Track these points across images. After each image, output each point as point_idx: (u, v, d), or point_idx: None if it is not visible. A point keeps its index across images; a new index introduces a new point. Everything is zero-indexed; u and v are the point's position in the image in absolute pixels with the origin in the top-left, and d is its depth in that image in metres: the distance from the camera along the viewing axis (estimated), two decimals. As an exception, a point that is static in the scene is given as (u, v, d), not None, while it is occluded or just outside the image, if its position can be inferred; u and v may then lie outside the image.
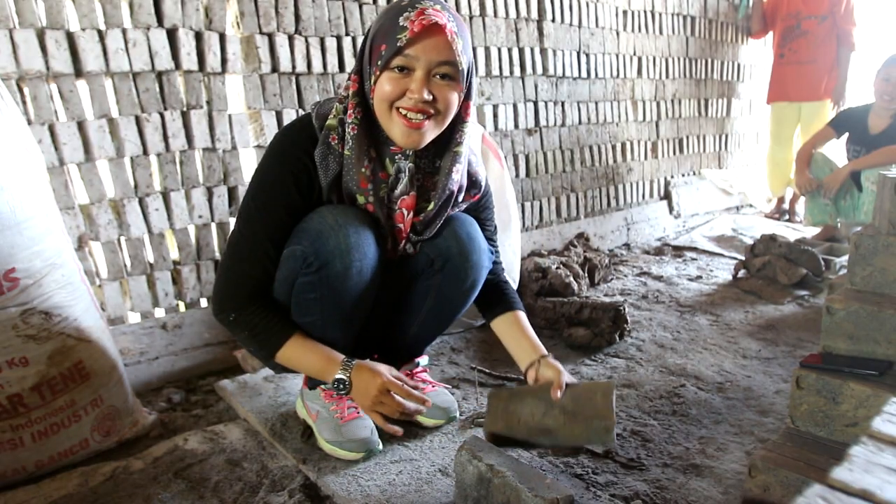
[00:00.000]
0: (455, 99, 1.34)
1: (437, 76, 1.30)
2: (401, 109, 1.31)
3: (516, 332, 1.60)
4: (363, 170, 1.36)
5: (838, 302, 1.38)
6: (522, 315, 1.64)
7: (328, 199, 1.40)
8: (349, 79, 1.38)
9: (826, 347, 1.41)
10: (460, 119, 1.42)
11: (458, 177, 1.45)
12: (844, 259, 3.04)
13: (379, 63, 1.29)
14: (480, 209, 1.64)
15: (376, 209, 1.40)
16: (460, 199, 1.52)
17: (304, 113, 1.49)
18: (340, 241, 1.34)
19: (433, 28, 1.25)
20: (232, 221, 2.23)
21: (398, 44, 1.25)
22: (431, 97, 1.29)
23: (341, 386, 1.39)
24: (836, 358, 1.36)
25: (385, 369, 1.41)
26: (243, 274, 1.40)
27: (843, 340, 1.38)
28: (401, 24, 1.26)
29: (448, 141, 1.43)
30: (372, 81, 1.32)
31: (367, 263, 1.40)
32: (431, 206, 1.45)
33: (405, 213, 1.44)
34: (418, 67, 1.28)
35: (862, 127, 3.52)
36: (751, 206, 4.90)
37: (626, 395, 1.90)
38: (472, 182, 1.54)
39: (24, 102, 1.78)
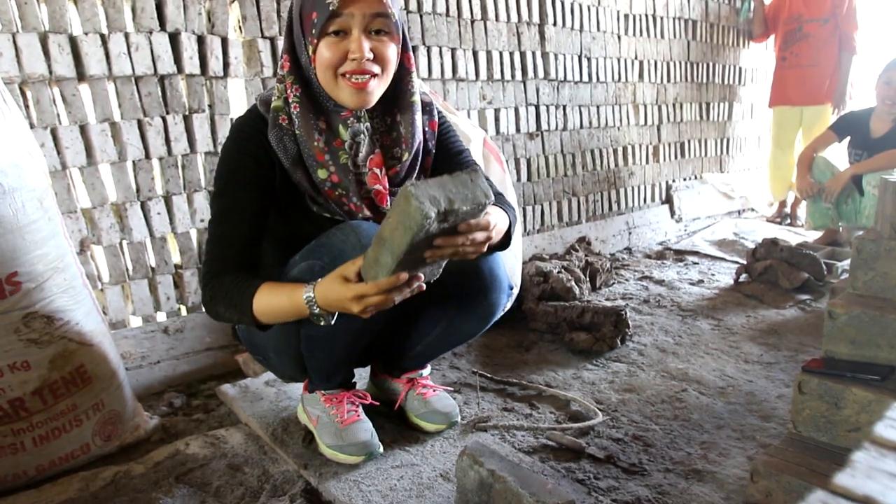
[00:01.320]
0: (394, 52, 1.35)
1: (373, 32, 1.30)
2: (346, 74, 1.31)
3: None
4: (315, 143, 1.37)
5: (840, 306, 1.38)
6: (500, 211, 1.43)
7: (295, 179, 1.39)
8: (282, 58, 1.39)
9: (828, 352, 1.41)
10: (406, 71, 1.43)
11: (420, 124, 1.46)
12: (846, 263, 3.04)
13: (314, 32, 1.29)
14: (444, 137, 1.57)
15: (342, 178, 1.38)
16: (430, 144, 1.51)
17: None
18: None
19: None
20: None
21: (330, 7, 1.25)
22: (372, 55, 1.30)
23: (321, 319, 1.29)
24: (838, 363, 1.36)
25: (338, 273, 1.24)
26: (217, 258, 1.37)
27: (846, 345, 1.38)
28: None
29: (400, 94, 1.44)
30: (310, 52, 1.32)
31: None
32: (406, 156, 1.44)
33: (378, 172, 1.43)
34: (354, 26, 1.28)
35: (864, 130, 3.52)
36: (752, 209, 4.89)
37: (627, 400, 1.90)
38: (422, 107, 1.50)
39: (26, 106, 1.78)
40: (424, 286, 1.24)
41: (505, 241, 1.42)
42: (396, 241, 1.12)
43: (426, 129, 1.50)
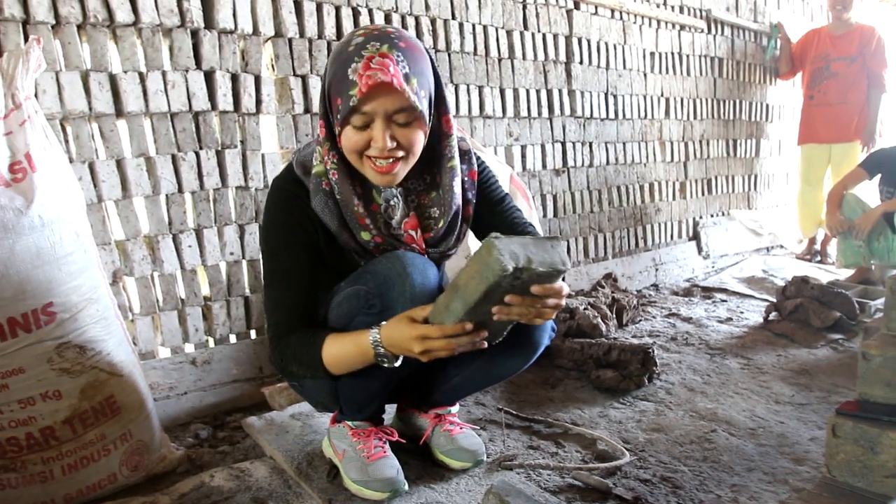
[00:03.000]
0: (419, 137, 1.35)
1: (396, 122, 1.30)
2: (370, 157, 1.33)
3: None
4: (356, 207, 1.38)
5: (875, 348, 1.36)
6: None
7: (342, 241, 1.41)
8: (319, 123, 1.40)
9: (863, 395, 1.38)
10: (444, 134, 1.43)
11: (459, 189, 1.46)
12: (879, 302, 2.98)
13: (339, 117, 1.30)
14: (485, 186, 1.57)
15: (385, 239, 1.41)
16: (469, 196, 1.51)
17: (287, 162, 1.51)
18: (406, 290, 1.34)
19: (381, 84, 1.24)
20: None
21: (351, 102, 1.25)
22: (395, 143, 1.30)
23: (385, 360, 1.33)
24: (873, 406, 1.33)
25: (405, 316, 1.29)
26: (280, 322, 1.42)
27: (881, 388, 1.35)
28: (350, 77, 1.25)
29: (438, 157, 1.44)
30: (337, 133, 1.34)
31: None
32: (441, 223, 1.45)
33: (414, 234, 1.44)
34: (376, 118, 1.28)
35: (895, 168, 3.48)
36: (781, 247, 4.84)
37: (655, 440, 1.87)
38: (461, 156, 1.49)
39: (66, 141, 1.84)
40: (486, 344, 1.26)
41: None
42: (471, 290, 1.17)
43: (465, 178, 1.51)
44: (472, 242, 2.23)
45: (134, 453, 1.63)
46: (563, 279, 1.25)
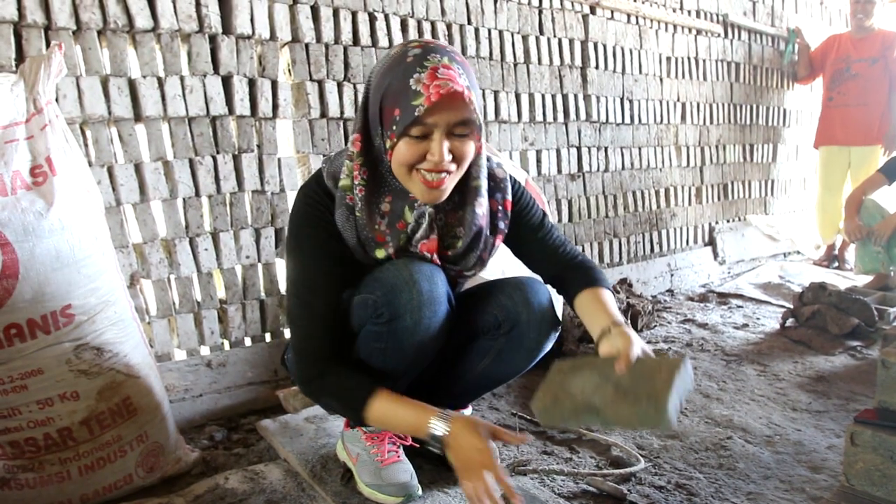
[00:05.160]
0: (472, 150, 1.33)
1: (454, 134, 1.28)
2: (421, 171, 1.30)
3: (594, 305, 1.47)
4: (377, 226, 1.37)
5: (894, 355, 1.34)
6: (605, 291, 1.51)
7: (358, 256, 1.41)
8: (353, 135, 1.36)
9: (882, 403, 1.36)
10: (475, 154, 1.41)
11: (482, 210, 1.44)
12: (898, 309, 2.95)
13: (394, 128, 1.26)
14: (522, 213, 1.57)
15: (400, 255, 1.40)
16: (499, 225, 1.50)
17: (316, 170, 1.48)
18: (413, 297, 1.34)
19: (451, 94, 1.22)
20: (278, 262, 2.27)
21: (416, 113, 1.22)
22: (451, 156, 1.28)
23: (437, 443, 1.32)
24: (892, 414, 1.32)
25: (485, 432, 1.29)
26: (313, 341, 1.39)
27: (900, 396, 1.34)
28: (413, 87, 1.22)
29: (466, 176, 1.42)
30: (387, 145, 1.30)
31: (437, 321, 1.39)
32: (460, 243, 1.44)
33: (427, 256, 1.42)
34: (436, 130, 1.26)
35: (916, 174, 3.44)
36: (798, 252, 4.79)
37: (670, 447, 1.86)
38: (496, 184, 1.49)
39: (85, 145, 1.86)
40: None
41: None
42: (616, 419, 1.22)
43: (500, 208, 1.49)
44: (501, 261, 2.17)
45: (150, 455, 1.64)
46: None
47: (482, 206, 1.44)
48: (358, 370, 1.42)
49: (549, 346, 1.57)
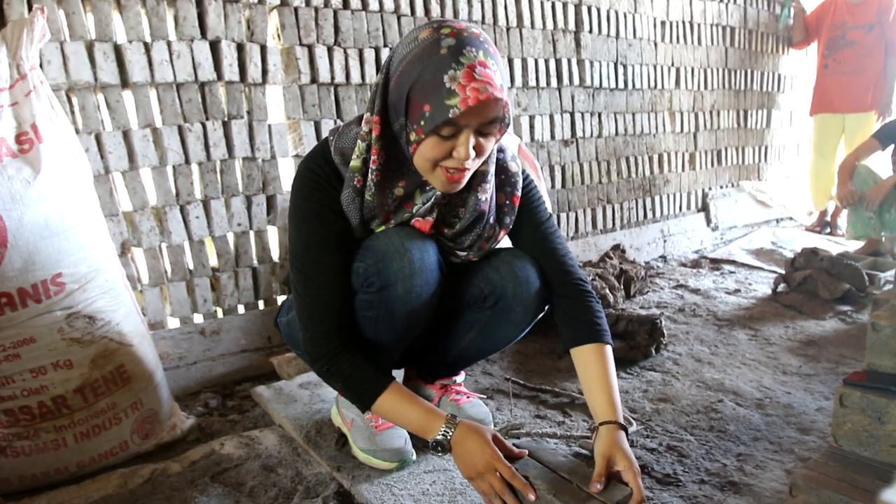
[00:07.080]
0: (494, 143, 1.30)
1: (481, 132, 1.23)
2: (444, 166, 1.25)
3: (593, 376, 1.40)
4: (386, 208, 1.35)
5: (884, 318, 1.35)
6: (607, 350, 1.42)
7: (359, 236, 1.39)
8: (371, 118, 1.28)
9: (871, 365, 1.37)
10: None
11: (486, 196, 1.41)
12: (889, 274, 2.96)
13: (423, 124, 1.19)
14: (528, 206, 1.53)
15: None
16: (506, 209, 1.48)
17: (321, 140, 1.42)
18: (405, 265, 1.32)
19: (490, 99, 1.16)
20: (270, 230, 2.26)
21: (449, 114, 1.15)
22: (475, 153, 1.24)
23: (439, 448, 1.31)
24: (881, 376, 1.33)
25: (489, 435, 1.30)
26: (323, 318, 1.36)
27: (889, 358, 1.34)
28: (448, 85, 1.14)
29: None
30: (412, 138, 1.23)
31: (428, 289, 1.38)
32: (459, 223, 1.42)
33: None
34: (466, 130, 1.20)
35: (909, 139, 3.43)
36: (791, 218, 4.80)
37: (662, 410, 1.88)
38: (507, 178, 1.47)
39: (72, 112, 1.83)
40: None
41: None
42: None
43: (508, 202, 1.47)
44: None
45: (145, 422, 1.65)
46: None
47: (486, 192, 1.41)
48: (369, 358, 1.38)
49: (536, 315, 1.55)
